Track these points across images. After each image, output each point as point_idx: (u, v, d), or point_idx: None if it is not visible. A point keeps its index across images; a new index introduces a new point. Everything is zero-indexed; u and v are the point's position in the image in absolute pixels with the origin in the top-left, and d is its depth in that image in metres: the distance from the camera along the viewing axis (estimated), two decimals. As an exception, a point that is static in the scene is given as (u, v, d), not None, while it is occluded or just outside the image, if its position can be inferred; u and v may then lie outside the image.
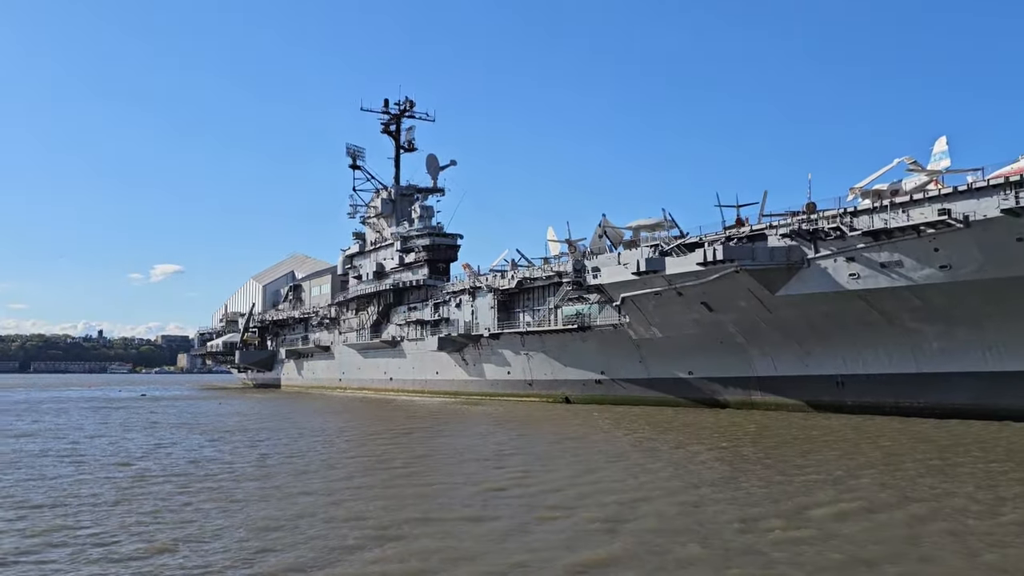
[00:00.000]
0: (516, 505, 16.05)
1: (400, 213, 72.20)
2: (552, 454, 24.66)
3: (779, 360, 39.56)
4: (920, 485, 17.70)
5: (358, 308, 74.75)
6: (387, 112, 75.87)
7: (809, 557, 11.69)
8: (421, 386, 65.58)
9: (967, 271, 30.88)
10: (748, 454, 23.48)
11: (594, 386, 49.65)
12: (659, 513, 14.94)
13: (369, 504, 16.14)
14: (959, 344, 33.34)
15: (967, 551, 12.04)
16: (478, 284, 57.97)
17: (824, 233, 34.50)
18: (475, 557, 12.00)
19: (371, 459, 23.76)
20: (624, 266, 42.93)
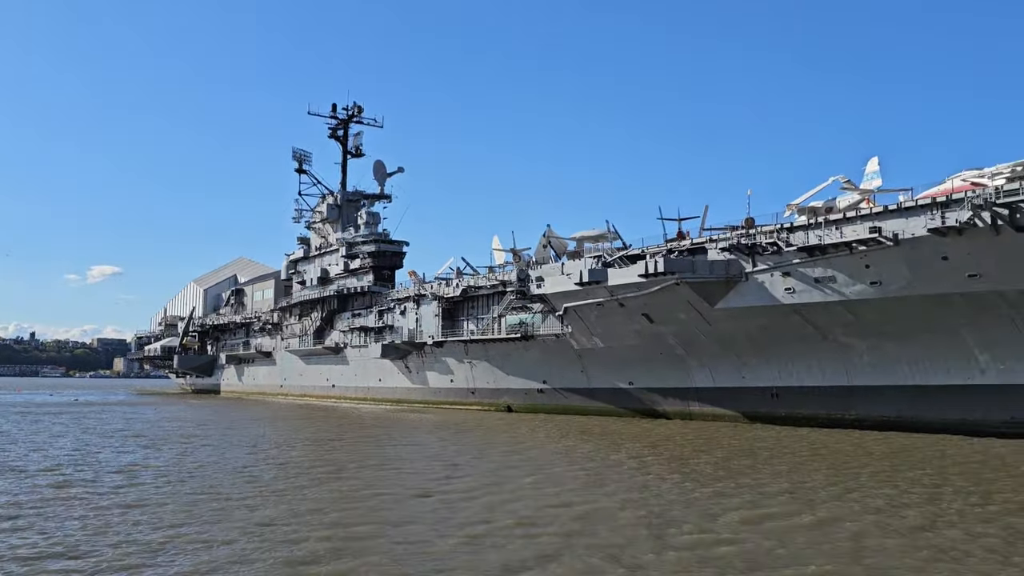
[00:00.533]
0: (435, 513, 16.02)
1: (346, 219, 71.54)
2: (480, 461, 24.67)
3: (717, 372, 40.22)
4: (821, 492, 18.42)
5: (301, 314, 73.76)
6: (335, 117, 75.25)
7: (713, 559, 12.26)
8: (364, 393, 64.93)
9: (896, 287, 31.84)
10: (655, 461, 23.90)
11: (536, 395, 49.79)
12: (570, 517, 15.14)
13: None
14: (888, 358, 34.34)
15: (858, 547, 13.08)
16: (423, 292, 57.72)
17: (762, 248, 35.24)
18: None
19: (288, 466, 23.45)
20: (567, 276, 43.21)
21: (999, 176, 29.37)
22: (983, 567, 11.92)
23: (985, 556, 12.55)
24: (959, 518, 15.49)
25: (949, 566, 11.98)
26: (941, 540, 13.60)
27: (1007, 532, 14.21)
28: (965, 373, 32.56)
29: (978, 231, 28.64)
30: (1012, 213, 27.78)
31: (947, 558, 12.45)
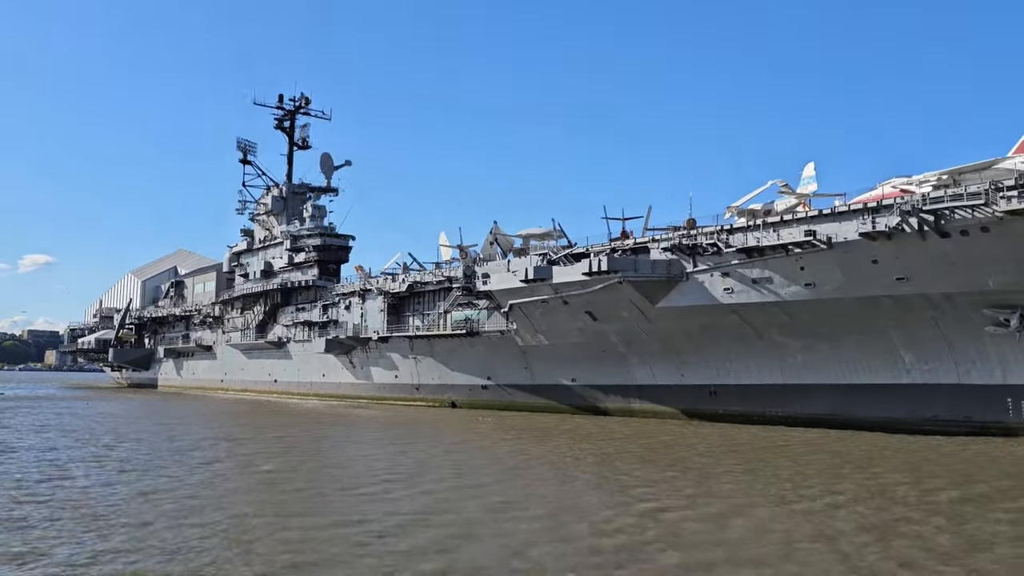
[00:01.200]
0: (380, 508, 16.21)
1: (291, 212, 70.70)
2: (415, 454, 24.90)
3: (657, 369, 41.06)
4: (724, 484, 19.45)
5: (244, 307, 72.67)
6: (281, 108, 74.24)
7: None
8: (307, 389, 64.34)
9: (828, 289, 32.98)
10: (583, 457, 24.51)
11: (480, 391, 50.06)
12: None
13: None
14: (820, 358, 35.54)
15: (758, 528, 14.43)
16: (368, 286, 57.48)
17: (702, 248, 36.12)
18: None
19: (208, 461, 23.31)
20: (513, 273, 43.59)
21: (926, 183, 30.64)
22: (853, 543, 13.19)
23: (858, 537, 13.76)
24: (848, 507, 16.65)
25: (827, 550, 12.93)
26: (825, 528, 14.63)
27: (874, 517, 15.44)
28: (892, 373, 33.91)
29: (906, 236, 29.87)
30: (937, 219, 29.03)
31: (823, 538, 13.68)
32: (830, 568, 11.85)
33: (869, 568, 11.88)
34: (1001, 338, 30.82)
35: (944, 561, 12.24)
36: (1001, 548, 13.16)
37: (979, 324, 30.98)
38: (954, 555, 12.64)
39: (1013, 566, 12.14)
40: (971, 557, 12.53)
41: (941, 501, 17.32)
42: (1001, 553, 12.83)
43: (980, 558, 12.49)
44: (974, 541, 13.63)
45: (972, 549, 13.09)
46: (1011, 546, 13.35)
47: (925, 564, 12.11)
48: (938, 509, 16.39)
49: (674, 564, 12.04)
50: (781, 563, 12.10)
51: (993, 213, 27.72)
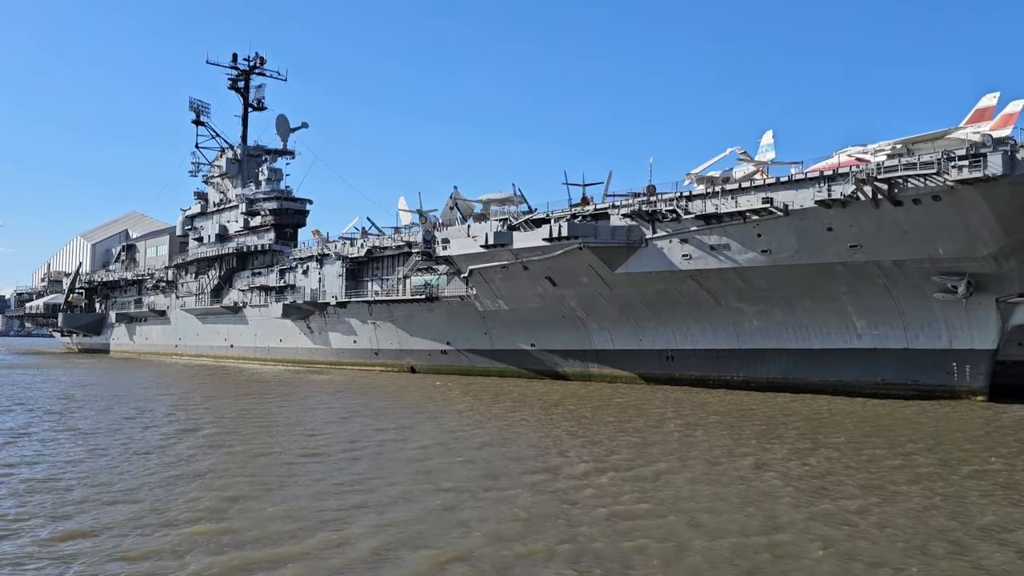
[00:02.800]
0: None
1: (246, 174, 69.29)
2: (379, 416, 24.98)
3: (616, 334, 41.45)
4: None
5: (198, 272, 71.41)
6: (235, 67, 72.30)
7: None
8: (264, 354, 63.72)
9: (784, 256, 33.49)
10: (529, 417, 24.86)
11: (440, 356, 50.10)
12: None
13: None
14: (775, 323, 36.21)
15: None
16: (326, 251, 56.83)
17: (662, 215, 36.33)
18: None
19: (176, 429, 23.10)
20: (473, 239, 43.43)
21: (880, 152, 31.15)
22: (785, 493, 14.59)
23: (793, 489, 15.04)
24: (781, 464, 17.76)
25: (757, 504, 13.90)
26: (761, 484, 15.58)
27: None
28: (844, 337, 34.71)
29: (860, 204, 30.37)
30: (891, 188, 29.54)
31: (755, 494, 14.74)
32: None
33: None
34: (948, 304, 31.69)
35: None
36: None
37: (928, 291, 31.79)
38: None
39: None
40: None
41: (854, 457, 18.01)
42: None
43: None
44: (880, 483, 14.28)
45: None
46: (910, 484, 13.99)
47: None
48: (849, 463, 17.12)
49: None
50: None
51: (944, 182, 28.29)
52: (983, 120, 30.05)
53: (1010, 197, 27.82)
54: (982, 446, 20.60)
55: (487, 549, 11.16)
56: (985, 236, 29.21)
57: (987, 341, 31.65)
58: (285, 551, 11.00)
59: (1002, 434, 23.00)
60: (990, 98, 30.19)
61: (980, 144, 27.95)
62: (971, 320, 31.64)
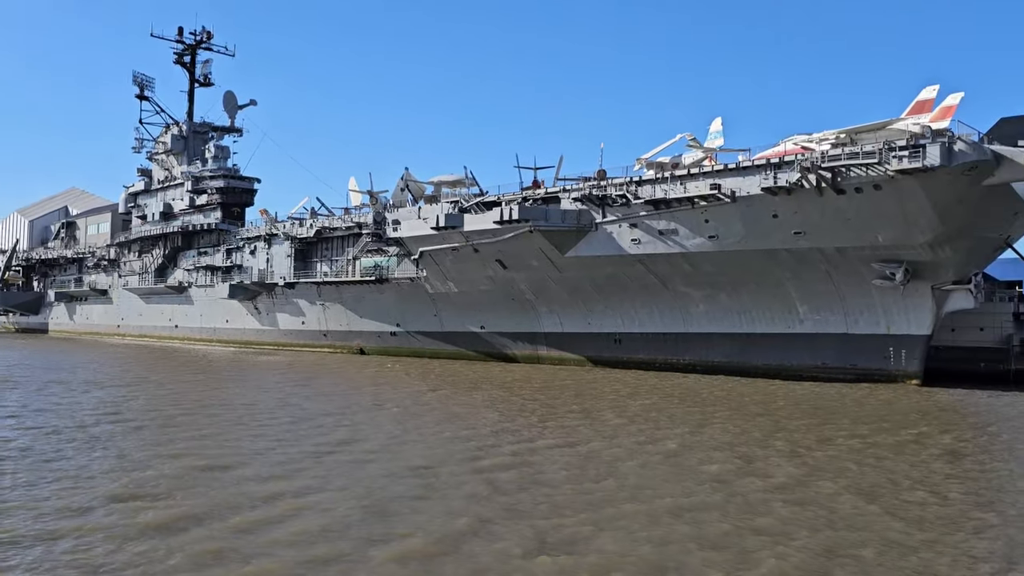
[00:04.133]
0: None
1: (192, 151, 67.67)
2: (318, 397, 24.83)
3: (565, 317, 41.72)
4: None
5: (142, 250, 69.71)
6: (181, 41, 70.33)
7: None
8: (209, 335, 62.62)
9: (731, 242, 34.03)
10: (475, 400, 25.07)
11: (389, 338, 49.86)
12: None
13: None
14: (720, 308, 36.82)
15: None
16: (275, 231, 55.97)
17: (612, 200, 36.57)
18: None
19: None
20: (424, 220, 43.20)
21: (825, 142, 31.74)
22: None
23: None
24: (709, 441, 18.75)
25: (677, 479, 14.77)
26: (684, 459, 16.49)
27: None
28: (787, 322, 35.48)
29: (804, 192, 30.98)
30: (834, 177, 30.17)
31: (667, 463, 16.01)
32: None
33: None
34: (886, 291, 32.58)
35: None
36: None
37: (867, 277, 32.63)
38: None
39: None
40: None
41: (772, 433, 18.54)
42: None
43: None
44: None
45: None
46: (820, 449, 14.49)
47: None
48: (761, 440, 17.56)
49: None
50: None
51: (885, 172, 29.00)
52: (923, 112, 30.81)
53: (947, 187, 28.65)
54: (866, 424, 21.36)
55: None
56: (922, 225, 30.06)
57: (922, 327, 32.66)
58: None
59: (877, 413, 23.86)
60: (930, 91, 30.97)
61: (920, 135, 28.69)
62: (907, 306, 32.60)
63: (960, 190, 28.69)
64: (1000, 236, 32.00)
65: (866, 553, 10.34)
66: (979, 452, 18.55)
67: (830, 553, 10.35)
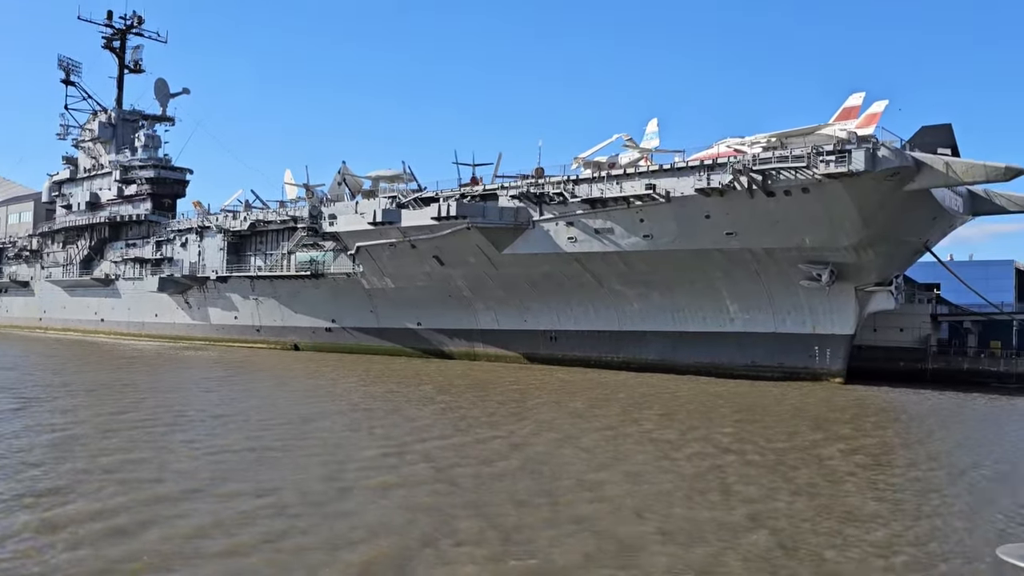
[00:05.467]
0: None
1: (121, 140, 65.57)
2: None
3: (501, 314, 41.80)
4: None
5: (66, 241, 67.26)
6: (110, 26, 68.07)
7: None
8: (137, 329, 60.83)
9: (665, 241, 34.57)
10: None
11: (324, 334, 49.21)
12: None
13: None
14: (654, 306, 37.38)
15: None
16: (207, 223, 54.62)
17: (549, 198, 36.77)
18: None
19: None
20: (361, 215, 42.74)
21: (756, 145, 32.47)
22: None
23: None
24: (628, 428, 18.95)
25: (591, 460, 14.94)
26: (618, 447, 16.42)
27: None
28: (718, 321, 36.23)
29: (736, 193, 31.67)
30: (765, 179, 30.92)
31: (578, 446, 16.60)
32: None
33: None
34: (813, 291, 33.54)
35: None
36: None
37: (795, 278, 33.55)
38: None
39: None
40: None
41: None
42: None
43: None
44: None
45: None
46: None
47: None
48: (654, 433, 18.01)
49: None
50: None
51: (813, 176, 29.85)
52: (850, 118, 31.79)
53: (870, 192, 29.64)
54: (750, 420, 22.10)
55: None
56: (847, 228, 31.04)
57: (846, 326, 33.74)
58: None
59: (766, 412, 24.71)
60: (856, 97, 31.97)
61: (846, 141, 29.61)
62: (832, 306, 33.62)
63: (883, 195, 29.71)
64: (919, 240, 33.26)
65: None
66: (878, 447, 19.31)
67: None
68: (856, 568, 10.00)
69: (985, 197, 33.82)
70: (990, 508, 13.20)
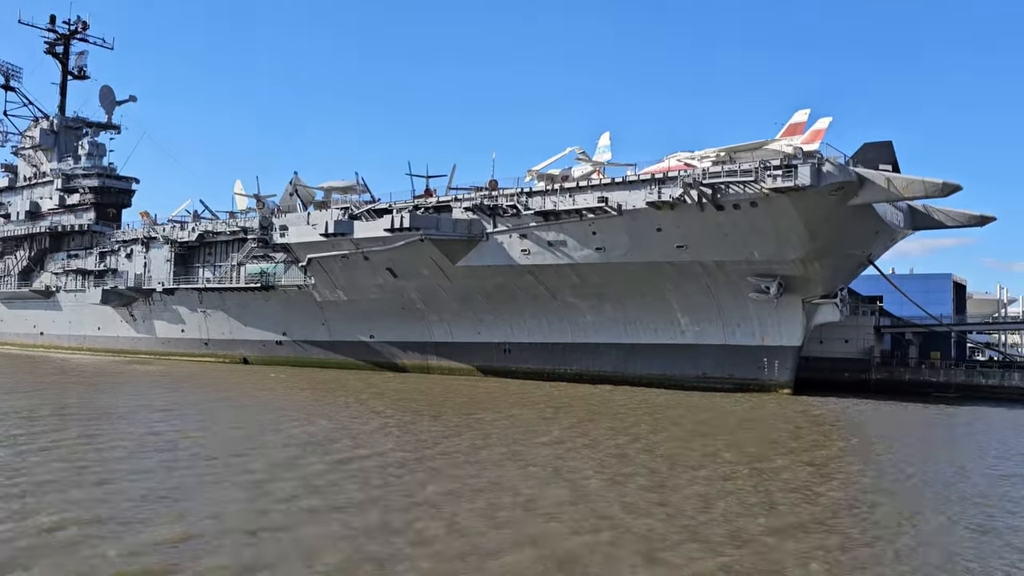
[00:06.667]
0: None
1: (64, 148, 63.88)
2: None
3: (455, 327, 41.67)
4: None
5: (4, 252, 65.15)
6: (53, 30, 66.28)
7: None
8: (79, 343, 59.12)
9: (617, 254, 34.89)
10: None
11: (275, 347, 48.46)
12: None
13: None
14: (607, 318, 37.67)
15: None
16: (153, 234, 53.45)
17: (503, 210, 36.86)
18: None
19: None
20: (313, 227, 42.29)
21: (706, 159, 33.04)
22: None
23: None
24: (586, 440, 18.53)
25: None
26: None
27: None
28: (669, 333, 36.65)
29: (687, 207, 32.15)
30: (715, 193, 31.46)
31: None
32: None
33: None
34: (761, 304, 34.17)
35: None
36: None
37: (744, 290, 34.14)
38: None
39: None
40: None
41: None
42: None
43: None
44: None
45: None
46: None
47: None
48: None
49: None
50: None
51: (761, 190, 30.47)
52: (796, 134, 32.55)
53: (816, 206, 30.36)
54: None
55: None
56: (794, 241, 31.73)
57: (793, 338, 34.43)
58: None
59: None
60: (802, 114, 32.77)
61: (792, 156, 30.32)
62: (780, 318, 34.29)
63: (828, 209, 30.46)
64: (863, 253, 34.16)
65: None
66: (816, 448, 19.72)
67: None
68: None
69: (924, 212, 34.88)
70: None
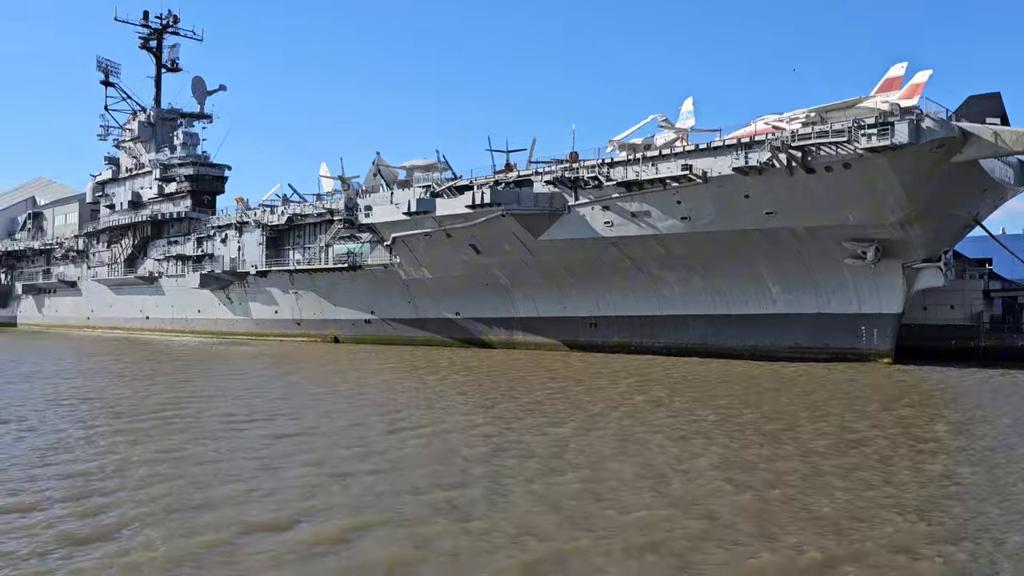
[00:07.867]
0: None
1: (160, 139, 66.51)
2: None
3: (540, 302, 41.53)
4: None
5: (111, 240, 68.53)
6: (147, 26, 68.92)
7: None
8: (181, 325, 61.84)
9: (703, 223, 33.92)
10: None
11: (364, 326, 49.46)
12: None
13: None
14: (694, 289, 36.79)
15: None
16: (246, 219, 55.19)
17: (584, 182, 36.33)
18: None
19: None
20: (396, 206, 42.77)
21: (795, 121, 31.66)
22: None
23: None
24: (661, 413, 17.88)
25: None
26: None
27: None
28: (760, 303, 35.52)
29: (775, 171, 30.92)
30: (804, 156, 30.13)
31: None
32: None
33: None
34: (858, 270, 32.68)
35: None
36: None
37: (838, 257, 32.70)
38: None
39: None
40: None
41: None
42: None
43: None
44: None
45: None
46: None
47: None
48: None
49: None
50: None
51: (855, 150, 28.99)
52: (892, 90, 30.77)
53: (915, 165, 28.70)
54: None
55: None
56: (892, 203, 30.12)
57: (893, 305, 32.82)
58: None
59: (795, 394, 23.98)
60: (899, 68, 30.93)
61: (888, 113, 28.69)
62: (879, 285, 32.73)
63: (928, 168, 28.75)
64: (969, 214, 32.20)
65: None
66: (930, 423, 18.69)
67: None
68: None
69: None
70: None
